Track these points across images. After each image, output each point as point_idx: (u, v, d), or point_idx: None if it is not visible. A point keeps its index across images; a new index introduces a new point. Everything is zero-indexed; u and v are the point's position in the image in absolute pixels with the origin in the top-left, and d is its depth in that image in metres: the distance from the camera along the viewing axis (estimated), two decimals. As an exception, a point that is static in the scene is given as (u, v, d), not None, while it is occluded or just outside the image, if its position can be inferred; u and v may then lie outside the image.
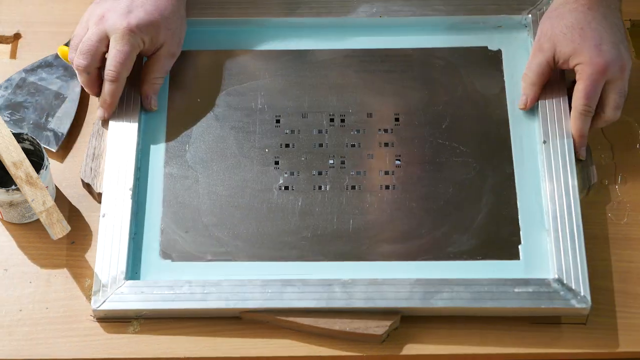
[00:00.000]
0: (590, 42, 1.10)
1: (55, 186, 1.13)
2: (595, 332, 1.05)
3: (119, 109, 1.15)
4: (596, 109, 1.11)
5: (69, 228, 1.05)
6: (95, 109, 1.17)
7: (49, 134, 1.16)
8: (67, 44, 1.19)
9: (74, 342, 1.05)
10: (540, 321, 1.05)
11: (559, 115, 1.13)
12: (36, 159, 1.09)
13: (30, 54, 1.21)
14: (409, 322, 1.05)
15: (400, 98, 1.17)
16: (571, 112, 1.12)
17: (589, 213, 1.11)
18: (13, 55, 1.22)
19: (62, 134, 1.16)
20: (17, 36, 1.23)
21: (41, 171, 1.07)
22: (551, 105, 1.13)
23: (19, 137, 1.09)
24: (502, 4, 1.19)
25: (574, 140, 1.12)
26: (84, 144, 1.16)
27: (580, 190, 1.11)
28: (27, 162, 1.06)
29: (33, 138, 1.09)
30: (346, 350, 1.05)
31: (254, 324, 1.06)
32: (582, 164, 1.12)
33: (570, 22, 1.12)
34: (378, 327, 1.04)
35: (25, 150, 1.08)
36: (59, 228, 1.05)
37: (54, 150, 1.15)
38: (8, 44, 1.23)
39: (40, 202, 1.05)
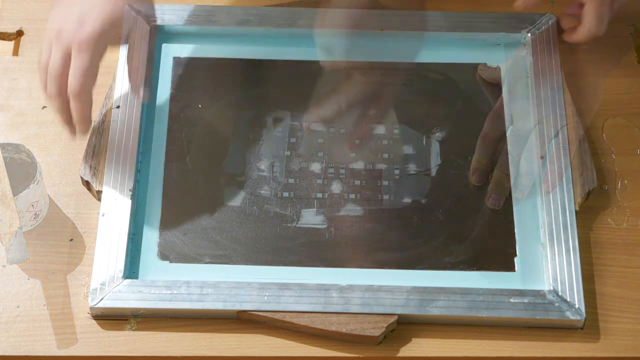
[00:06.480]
0: None
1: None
2: (592, 336, 1.05)
3: (121, 112, 1.15)
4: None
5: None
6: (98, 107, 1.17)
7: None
8: None
9: (70, 339, 1.05)
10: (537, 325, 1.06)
11: (556, 131, 1.15)
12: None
13: (33, 51, 1.21)
14: (406, 324, 1.06)
15: (399, 111, 1.19)
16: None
17: (588, 218, 1.12)
18: (15, 52, 1.22)
19: None
20: (19, 33, 1.23)
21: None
22: (549, 121, 1.15)
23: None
24: (501, 22, 1.21)
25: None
26: (84, 141, 1.15)
27: (580, 195, 1.12)
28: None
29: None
30: (343, 351, 1.05)
31: (251, 324, 1.06)
32: (582, 168, 1.13)
33: None
34: (375, 329, 1.04)
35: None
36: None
37: None
38: (11, 41, 1.23)
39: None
